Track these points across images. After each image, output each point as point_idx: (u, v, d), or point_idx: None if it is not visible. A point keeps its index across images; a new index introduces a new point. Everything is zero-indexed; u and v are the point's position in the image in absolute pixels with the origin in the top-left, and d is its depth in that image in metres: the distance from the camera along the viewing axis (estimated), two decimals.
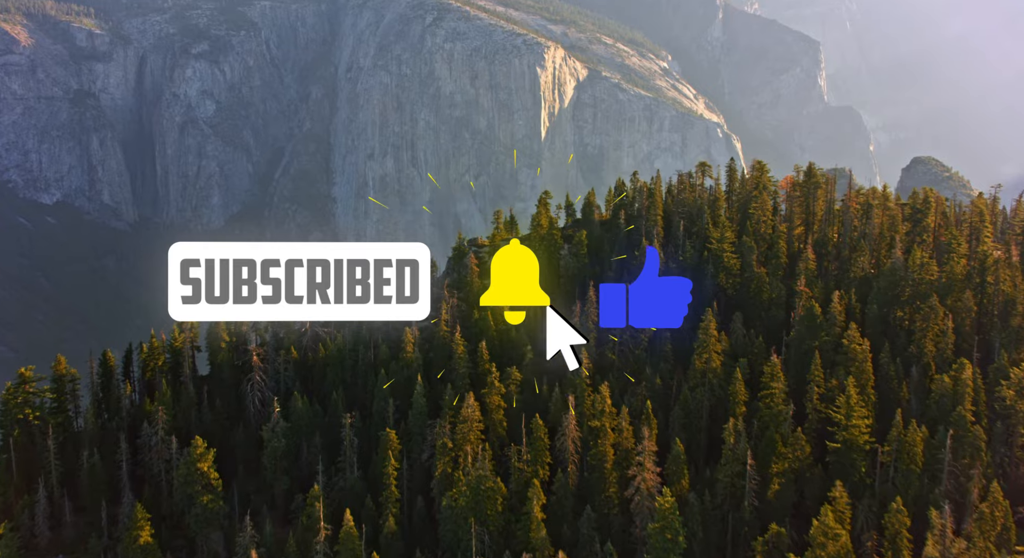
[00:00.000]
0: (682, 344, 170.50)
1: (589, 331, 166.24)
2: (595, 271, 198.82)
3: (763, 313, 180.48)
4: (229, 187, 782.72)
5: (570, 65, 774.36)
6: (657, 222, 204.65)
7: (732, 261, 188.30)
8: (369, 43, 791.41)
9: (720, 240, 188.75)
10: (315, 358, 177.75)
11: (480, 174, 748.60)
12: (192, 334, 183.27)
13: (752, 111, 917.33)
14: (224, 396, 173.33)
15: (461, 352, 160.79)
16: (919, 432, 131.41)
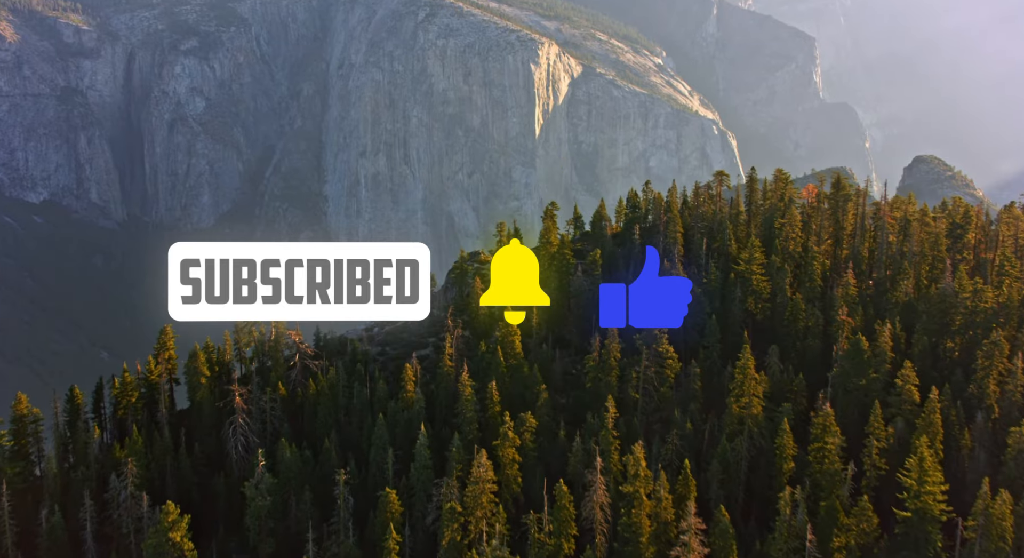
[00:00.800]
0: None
1: (609, 366, 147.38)
2: None
3: (797, 343, 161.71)
4: (219, 186, 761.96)
5: (564, 62, 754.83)
6: (677, 240, 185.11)
7: (762, 285, 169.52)
8: (361, 39, 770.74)
9: (749, 261, 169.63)
10: (305, 394, 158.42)
11: (473, 172, 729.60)
12: (170, 366, 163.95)
13: (747, 108, 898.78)
14: (204, 438, 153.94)
15: (469, 395, 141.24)
16: (1007, 503, 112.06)
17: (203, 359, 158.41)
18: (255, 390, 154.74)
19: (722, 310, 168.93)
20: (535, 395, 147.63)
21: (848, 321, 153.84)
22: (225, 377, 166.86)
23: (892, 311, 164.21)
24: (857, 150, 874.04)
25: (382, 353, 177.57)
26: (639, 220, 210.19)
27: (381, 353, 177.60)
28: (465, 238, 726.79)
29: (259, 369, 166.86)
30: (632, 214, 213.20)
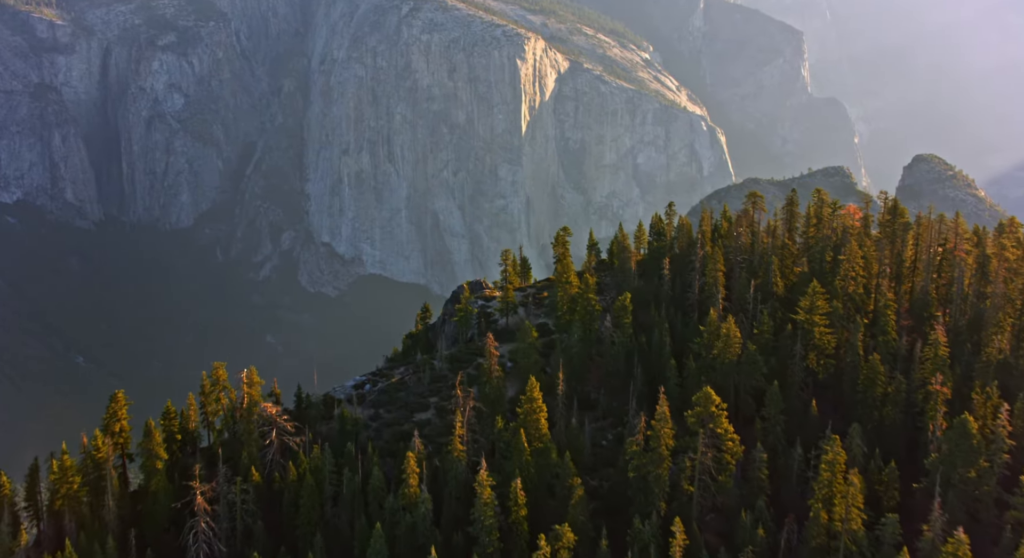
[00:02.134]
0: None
1: (658, 456, 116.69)
2: (644, 346, 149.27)
3: (874, 411, 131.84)
4: (198, 184, 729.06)
5: (551, 57, 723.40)
6: (718, 279, 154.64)
7: (826, 338, 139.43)
8: (343, 34, 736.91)
9: (810, 310, 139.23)
10: (283, 479, 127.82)
11: (459, 170, 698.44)
12: (122, 440, 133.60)
13: (734, 103, 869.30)
14: (160, 545, 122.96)
15: (488, 498, 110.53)
16: None
17: (159, 438, 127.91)
18: (222, 480, 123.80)
19: (778, 367, 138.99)
20: (566, 490, 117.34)
21: (943, 391, 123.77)
22: (189, 447, 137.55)
23: (985, 372, 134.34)
24: (846, 146, 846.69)
25: (376, 418, 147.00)
26: (666, 250, 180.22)
27: (375, 417, 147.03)
28: (451, 237, 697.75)
29: (228, 443, 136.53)
30: (657, 243, 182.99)
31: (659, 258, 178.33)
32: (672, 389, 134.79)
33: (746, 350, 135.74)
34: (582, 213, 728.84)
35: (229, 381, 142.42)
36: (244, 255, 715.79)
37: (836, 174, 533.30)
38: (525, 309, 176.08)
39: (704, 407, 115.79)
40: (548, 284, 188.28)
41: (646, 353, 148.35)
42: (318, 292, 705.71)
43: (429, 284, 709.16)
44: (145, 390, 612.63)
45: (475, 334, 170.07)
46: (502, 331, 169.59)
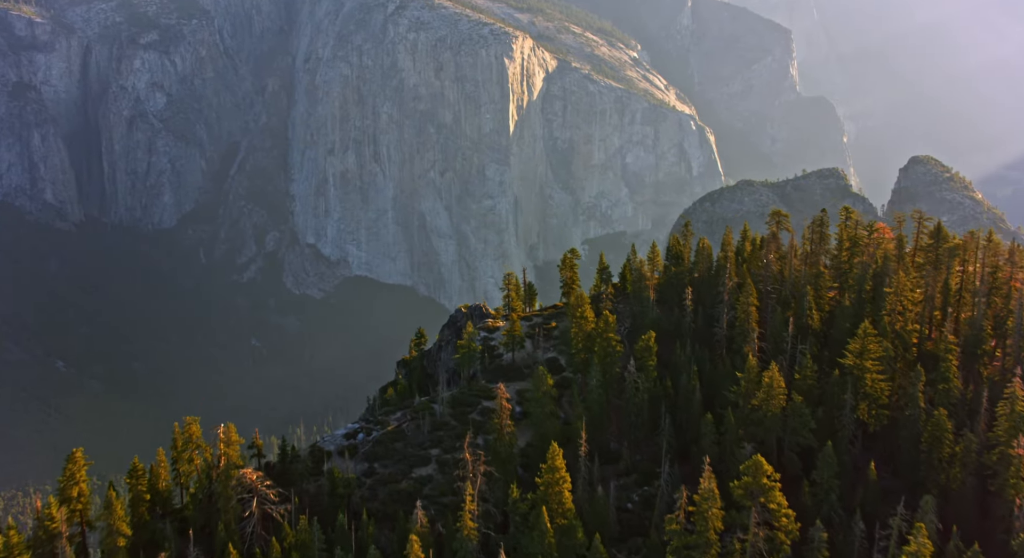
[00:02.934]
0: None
1: (706, 540, 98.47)
2: (669, 390, 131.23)
3: (940, 474, 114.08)
4: (181, 185, 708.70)
5: (539, 56, 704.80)
6: (750, 314, 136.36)
7: (879, 386, 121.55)
8: (328, 33, 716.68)
9: (861, 354, 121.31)
10: (265, 555, 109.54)
11: (446, 170, 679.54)
12: (80, 505, 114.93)
13: (723, 101, 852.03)
14: None
15: None
16: None
17: (120, 511, 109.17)
18: None
19: (825, 419, 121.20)
20: None
21: None
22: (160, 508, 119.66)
23: None
24: (835, 145, 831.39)
25: (370, 472, 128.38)
26: (685, 276, 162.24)
27: (369, 472, 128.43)
28: (438, 238, 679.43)
29: (203, 509, 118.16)
30: (675, 267, 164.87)
31: (678, 285, 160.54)
32: (709, 447, 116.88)
33: (791, 401, 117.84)
34: (570, 213, 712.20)
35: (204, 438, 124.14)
36: (228, 257, 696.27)
37: (830, 176, 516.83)
38: (532, 341, 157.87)
39: (754, 478, 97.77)
40: (556, 312, 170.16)
41: (672, 397, 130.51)
42: (303, 294, 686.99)
43: (416, 286, 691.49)
44: (128, 396, 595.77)
45: (478, 371, 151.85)
46: (507, 368, 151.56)
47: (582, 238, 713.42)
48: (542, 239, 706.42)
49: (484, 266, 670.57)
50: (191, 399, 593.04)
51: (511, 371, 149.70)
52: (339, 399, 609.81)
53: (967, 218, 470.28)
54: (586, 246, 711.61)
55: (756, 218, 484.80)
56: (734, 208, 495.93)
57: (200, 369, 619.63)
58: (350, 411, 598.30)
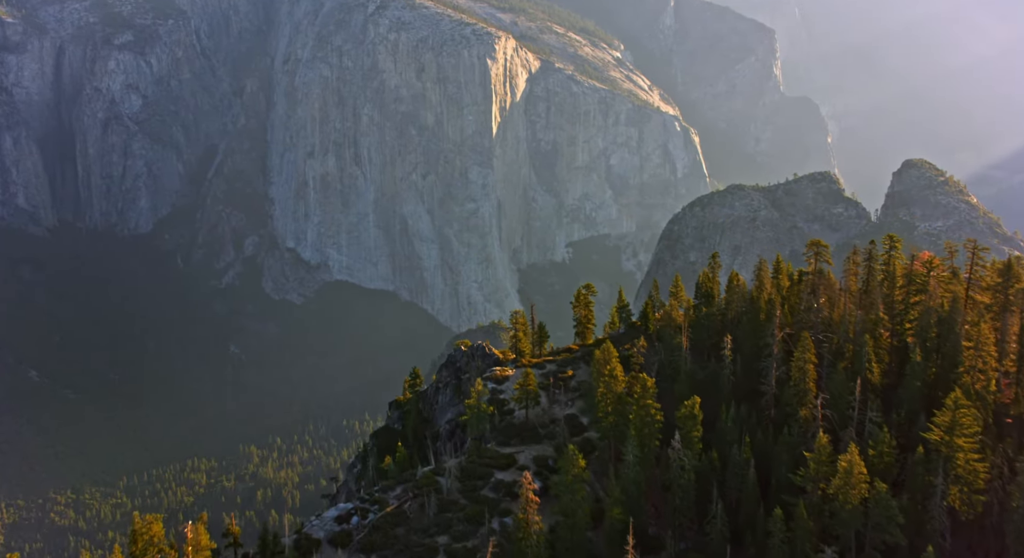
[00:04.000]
0: None
1: None
2: (715, 465, 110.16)
3: None
4: (157, 188, 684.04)
5: (522, 56, 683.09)
6: (808, 372, 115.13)
7: (973, 466, 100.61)
8: (307, 33, 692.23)
9: (951, 429, 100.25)
10: None
11: (428, 173, 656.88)
12: None
13: (706, 102, 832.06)
14: None
15: None
16: None
17: None
18: None
19: (909, 506, 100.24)
20: None
21: None
22: None
23: None
24: (819, 145, 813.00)
25: None
26: (717, 318, 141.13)
27: None
28: (420, 242, 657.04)
29: None
30: (707, 308, 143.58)
31: (710, 328, 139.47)
32: (777, 547, 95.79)
33: (874, 489, 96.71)
34: (554, 216, 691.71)
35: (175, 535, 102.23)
36: (206, 261, 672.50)
37: (822, 179, 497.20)
38: (547, 393, 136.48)
39: None
40: (571, 357, 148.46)
41: (719, 471, 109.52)
42: (283, 299, 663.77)
43: (398, 290, 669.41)
44: (104, 406, 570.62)
45: (486, 432, 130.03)
46: (521, 427, 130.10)
47: (566, 241, 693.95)
48: (525, 242, 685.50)
49: (467, 270, 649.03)
50: (169, 409, 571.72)
51: (525, 431, 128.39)
52: (320, 407, 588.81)
53: (962, 223, 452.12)
54: (570, 249, 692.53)
55: (747, 223, 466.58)
56: (725, 213, 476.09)
57: (178, 377, 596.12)
58: (331, 420, 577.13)
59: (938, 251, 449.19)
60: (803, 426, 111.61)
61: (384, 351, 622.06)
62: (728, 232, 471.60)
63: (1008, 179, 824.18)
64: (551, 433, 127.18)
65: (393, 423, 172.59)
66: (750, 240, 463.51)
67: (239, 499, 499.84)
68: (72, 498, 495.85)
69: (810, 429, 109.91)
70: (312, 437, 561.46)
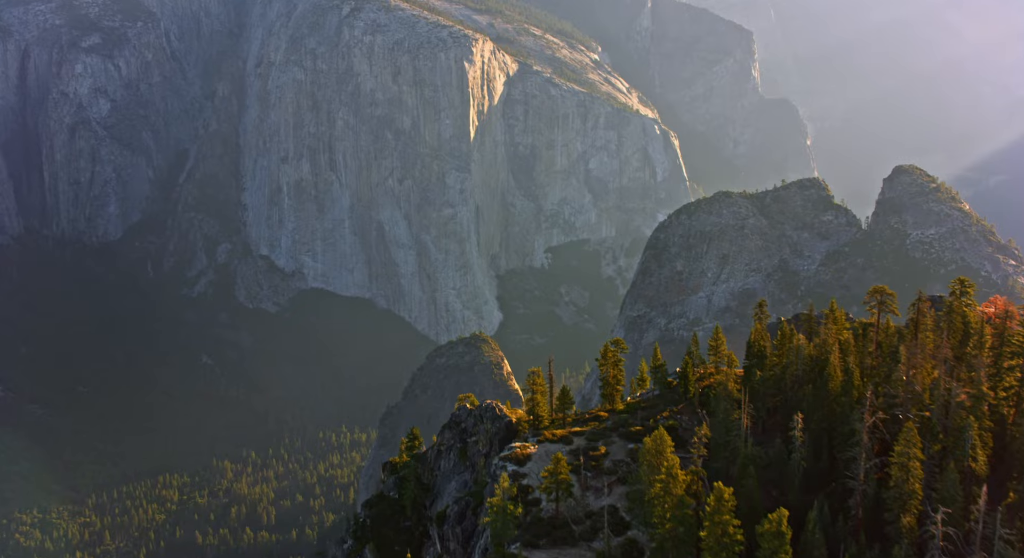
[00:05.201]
0: None
1: None
2: None
3: None
4: (127, 195, 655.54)
5: (499, 59, 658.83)
6: (915, 472, 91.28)
7: None
8: (280, 35, 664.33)
9: None
10: None
11: (404, 178, 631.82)
12: None
13: (684, 104, 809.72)
14: None
15: None
16: None
17: None
18: None
19: None
20: None
21: None
22: None
23: None
24: (797, 147, 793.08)
25: None
26: (774, 383, 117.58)
27: None
28: (397, 248, 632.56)
29: None
30: (761, 370, 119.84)
31: (764, 396, 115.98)
32: None
33: None
34: (532, 221, 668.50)
35: None
36: (177, 270, 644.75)
37: (811, 186, 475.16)
38: (578, 477, 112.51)
39: None
40: (602, 429, 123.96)
41: None
42: (257, 308, 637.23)
43: (374, 298, 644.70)
44: (71, 421, 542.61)
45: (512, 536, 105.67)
46: (550, 523, 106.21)
47: (544, 246, 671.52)
48: (504, 248, 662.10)
49: (445, 277, 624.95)
50: (139, 423, 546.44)
51: (556, 529, 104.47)
52: (295, 419, 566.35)
53: (955, 231, 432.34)
54: (548, 254, 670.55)
55: (735, 231, 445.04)
56: (712, 221, 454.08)
57: (149, 390, 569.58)
58: (306, 432, 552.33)
59: (931, 260, 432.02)
60: (908, 537, 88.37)
61: (361, 360, 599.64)
62: (716, 241, 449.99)
63: (985, 181, 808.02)
64: (588, 531, 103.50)
65: (388, 490, 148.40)
66: (738, 249, 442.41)
67: (212, 516, 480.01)
68: (38, 517, 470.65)
69: (923, 547, 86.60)
70: (287, 450, 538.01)
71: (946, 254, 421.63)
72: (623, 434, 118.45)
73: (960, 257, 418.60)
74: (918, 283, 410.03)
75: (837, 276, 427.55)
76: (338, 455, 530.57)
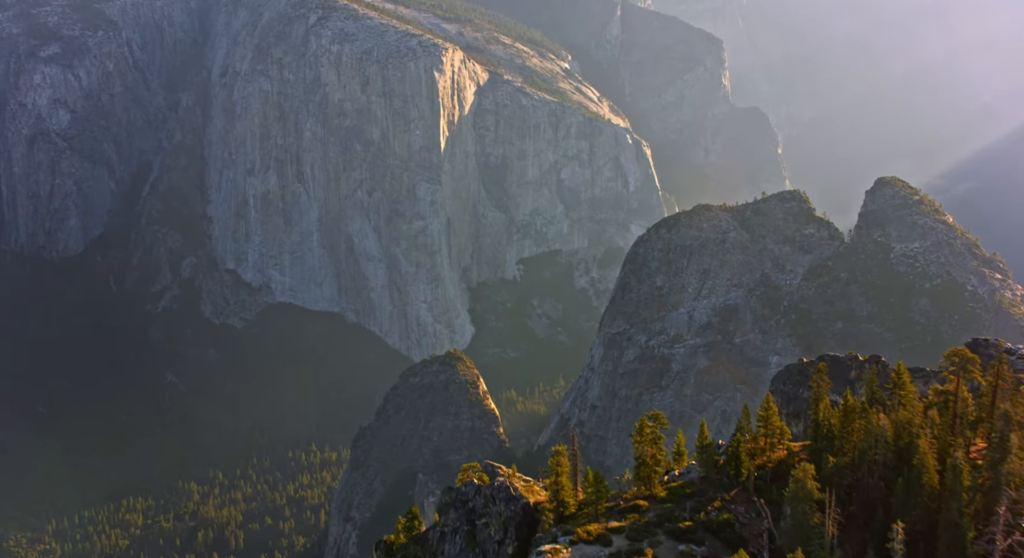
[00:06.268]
0: None
1: None
2: None
3: None
4: (88, 208, 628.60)
5: (470, 68, 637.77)
6: None
7: None
8: (246, 45, 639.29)
9: None
10: None
11: (374, 189, 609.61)
12: None
13: (655, 113, 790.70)
14: None
15: None
16: None
17: None
18: None
19: None
20: None
21: None
22: None
23: None
24: (769, 156, 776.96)
25: None
26: (851, 467, 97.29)
27: None
28: (367, 262, 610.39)
29: None
30: (832, 456, 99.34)
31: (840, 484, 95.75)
32: None
33: None
34: (504, 232, 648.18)
35: None
36: (141, 285, 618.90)
37: (792, 199, 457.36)
38: None
39: None
40: (642, 524, 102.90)
41: None
42: (223, 324, 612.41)
43: (344, 312, 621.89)
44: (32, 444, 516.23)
45: None
46: None
47: (516, 258, 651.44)
48: (475, 260, 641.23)
49: (416, 290, 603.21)
50: (102, 444, 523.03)
51: None
52: (264, 438, 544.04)
53: (940, 244, 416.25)
54: (520, 266, 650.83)
55: (716, 246, 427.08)
56: (692, 235, 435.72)
57: (113, 410, 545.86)
58: (276, 452, 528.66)
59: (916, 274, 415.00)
60: None
61: (331, 376, 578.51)
62: (696, 255, 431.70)
63: (952, 188, 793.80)
64: None
65: None
66: (719, 263, 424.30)
67: (178, 541, 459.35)
68: None
69: None
70: (256, 471, 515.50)
71: (931, 268, 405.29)
72: (670, 531, 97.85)
73: (946, 271, 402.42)
74: (904, 298, 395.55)
75: (821, 291, 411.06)
76: (308, 475, 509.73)
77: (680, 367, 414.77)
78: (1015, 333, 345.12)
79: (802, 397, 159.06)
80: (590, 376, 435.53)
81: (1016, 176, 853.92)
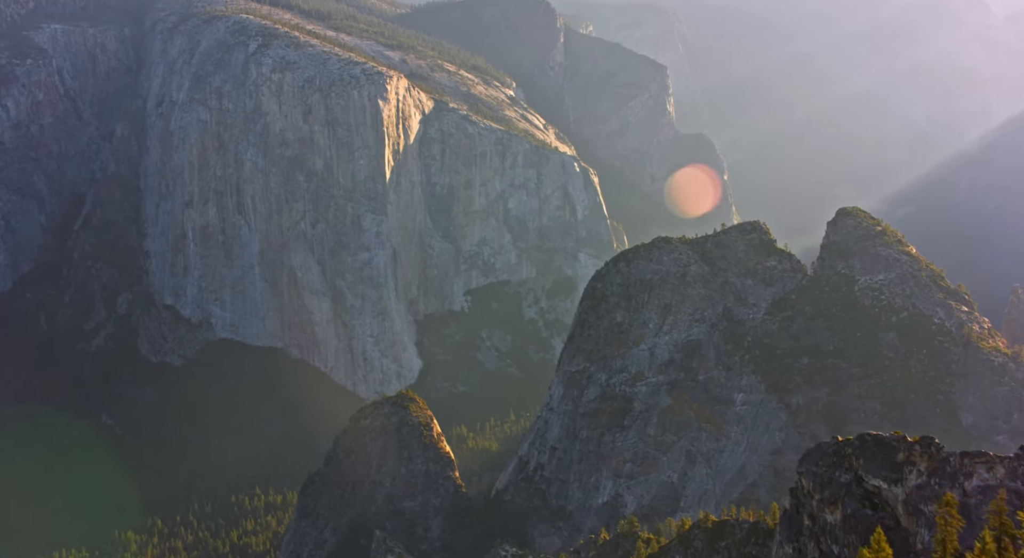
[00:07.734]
0: None
1: None
2: None
3: None
4: (17, 243, 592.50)
5: (414, 96, 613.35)
6: None
7: None
8: (183, 73, 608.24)
9: None
10: None
11: (318, 221, 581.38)
12: None
13: (600, 140, 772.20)
14: None
15: None
16: None
17: None
18: None
19: None
20: None
21: None
22: None
23: None
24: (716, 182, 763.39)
25: None
26: None
27: None
28: (310, 295, 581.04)
29: None
30: None
31: None
32: None
33: None
34: (451, 263, 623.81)
35: None
36: (73, 322, 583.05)
37: (753, 230, 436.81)
38: None
39: None
40: None
41: None
42: (161, 362, 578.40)
43: (287, 348, 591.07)
44: None
45: None
46: None
47: (464, 289, 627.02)
48: (422, 292, 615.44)
49: (362, 324, 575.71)
50: (31, 493, 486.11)
51: None
52: (205, 482, 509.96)
53: (905, 276, 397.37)
54: (468, 297, 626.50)
55: (676, 279, 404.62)
56: (652, 268, 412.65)
57: (42, 456, 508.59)
58: (218, 496, 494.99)
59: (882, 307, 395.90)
60: None
61: (276, 415, 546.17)
62: (656, 289, 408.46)
63: (894, 213, 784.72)
64: None
65: None
66: (680, 298, 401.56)
67: None
68: None
69: None
70: (197, 517, 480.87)
71: (897, 301, 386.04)
72: None
73: (912, 304, 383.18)
74: (871, 332, 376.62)
75: (785, 325, 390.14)
76: (253, 520, 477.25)
77: (642, 406, 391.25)
78: (985, 367, 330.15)
79: (839, 481, 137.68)
80: (549, 416, 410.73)
81: (952, 200, 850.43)
